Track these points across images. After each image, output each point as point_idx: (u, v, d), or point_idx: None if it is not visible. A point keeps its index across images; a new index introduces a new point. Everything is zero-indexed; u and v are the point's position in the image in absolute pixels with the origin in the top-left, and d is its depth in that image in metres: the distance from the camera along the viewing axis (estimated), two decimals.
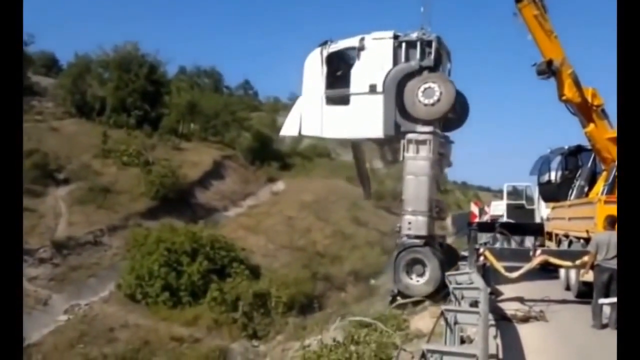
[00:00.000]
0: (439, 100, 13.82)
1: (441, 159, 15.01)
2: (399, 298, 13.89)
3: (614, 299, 9.19)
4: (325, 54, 14.58)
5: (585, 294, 11.72)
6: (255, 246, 26.67)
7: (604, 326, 9.59)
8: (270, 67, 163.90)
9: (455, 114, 15.30)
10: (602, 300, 9.59)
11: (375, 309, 14.26)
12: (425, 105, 13.87)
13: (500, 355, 7.63)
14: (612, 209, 10.69)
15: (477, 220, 23.31)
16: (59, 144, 31.98)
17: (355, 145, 17.06)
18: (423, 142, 13.97)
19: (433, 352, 4.97)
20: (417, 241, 13.74)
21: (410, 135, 14.05)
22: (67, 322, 19.54)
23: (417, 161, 13.96)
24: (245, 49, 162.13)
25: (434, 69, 14.19)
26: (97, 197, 28.08)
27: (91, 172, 30.62)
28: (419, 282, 13.49)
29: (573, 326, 9.91)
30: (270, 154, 44.55)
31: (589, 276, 11.16)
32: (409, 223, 13.87)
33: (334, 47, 14.70)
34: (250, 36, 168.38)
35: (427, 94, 13.88)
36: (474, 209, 27.03)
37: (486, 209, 28.96)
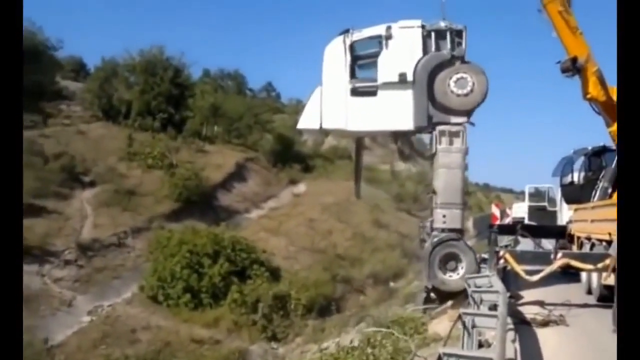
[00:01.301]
0: (472, 90, 13.52)
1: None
2: (433, 294, 13.72)
3: None
4: (348, 42, 14.04)
5: (607, 297, 11.44)
6: (276, 248, 26.77)
7: None
8: (292, 69, 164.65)
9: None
10: None
11: (393, 312, 14.12)
12: (458, 95, 13.55)
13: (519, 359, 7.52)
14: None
15: (498, 222, 22.96)
16: (86, 147, 32.70)
17: (359, 141, 16.80)
18: (456, 133, 13.60)
19: (450, 355, 4.91)
20: (452, 235, 13.47)
21: (442, 127, 13.64)
22: (90, 323, 19.93)
23: (451, 153, 13.54)
24: (268, 51, 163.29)
25: (464, 59, 13.84)
26: (122, 200, 28.59)
27: (117, 174, 31.20)
28: (453, 277, 13.21)
29: (593, 331, 9.69)
30: (292, 156, 44.71)
31: (611, 280, 10.92)
32: (443, 216, 13.46)
33: (358, 35, 14.15)
34: (272, 38, 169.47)
35: (460, 85, 13.57)
36: (495, 210, 26.63)
37: (507, 211, 28.53)
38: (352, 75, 14.15)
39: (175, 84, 40.53)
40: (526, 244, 17.06)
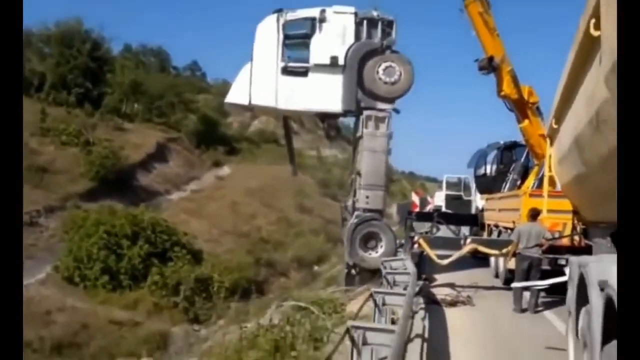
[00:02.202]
0: (399, 79, 14.22)
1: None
2: (353, 271, 14.35)
3: (529, 283, 9.97)
4: (282, 21, 14.35)
5: (511, 280, 12.54)
6: (198, 231, 26.52)
7: (524, 310, 10.35)
8: (219, 48, 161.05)
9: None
10: (514, 284, 10.37)
11: (314, 294, 14.63)
12: (386, 83, 14.20)
13: (426, 335, 8.16)
14: (536, 202, 11.51)
15: (417, 209, 24.16)
16: None
17: (287, 120, 17.27)
18: (382, 119, 14.28)
19: (357, 328, 5.32)
20: (374, 215, 14.15)
21: (369, 112, 14.26)
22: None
23: (376, 137, 14.22)
24: (194, 28, 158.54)
25: (393, 49, 14.51)
26: (33, 177, 27.06)
27: (28, 150, 29.40)
28: (373, 255, 13.94)
29: (496, 310, 10.64)
30: (216, 138, 44.14)
31: (513, 264, 12.00)
32: (367, 197, 14.15)
33: (292, 15, 14.48)
34: (199, 16, 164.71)
35: (388, 73, 14.21)
36: (415, 198, 27.96)
37: (429, 199, 29.95)
38: (284, 55, 14.45)
39: (93, 58, 38.61)
40: (447, 232, 18.18)
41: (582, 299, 4.63)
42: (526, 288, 10.38)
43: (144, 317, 19.30)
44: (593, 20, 4.22)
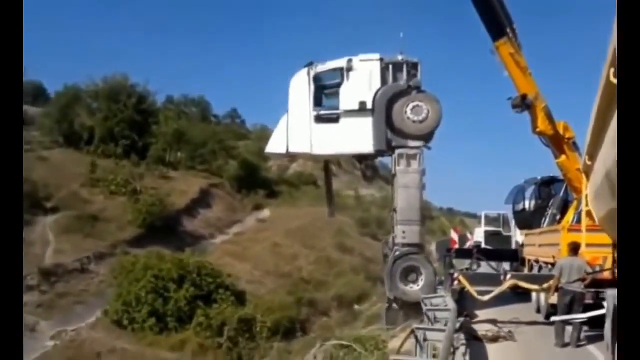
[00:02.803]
0: (427, 117, 14.81)
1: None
2: (395, 305, 14.53)
3: (568, 317, 9.93)
4: (312, 74, 15.27)
5: (553, 315, 12.43)
6: (241, 272, 27.06)
7: (566, 345, 10.27)
8: (256, 95, 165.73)
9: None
10: (554, 318, 10.32)
11: (356, 332, 14.78)
12: (414, 122, 14.83)
13: None
14: (575, 237, 11.52)
15: (456, 246, 24.02)
16: (48, 172, 32.37)
17: (327, 164, 18.02)
18: (413, 156, 14.84)
19: None
20: (412, 249, 14.41)
21: (400, 150, 14.88)
22: (54, 347, 19.75)
23: (408, 174, 14.77)
24: (232, 77, 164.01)
25: (419, 88, 15.14)
26: (84, 226, 28.45)
27: (79, 200, 31.02)
28: (413, 288, 14.10)
29: (537, 345, 10.59)
30: (256, 182, 45.06)
31: (554, 299, 11.93)
32: (403, 232, 14.56)
33: (321, 67, 15.42)
34: (236, 65, 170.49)
35: (416, 112, 14.84)
36: (454, 235, 27.74)
37: (468, 235, 29.65)
38: (316, 103, 15.32)
39: (138, 111, 40.59)
40: (487, 268, 18.09)
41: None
42: (568, 322, 10.33)
43: (189, 358, 19.75)
44: (612, 69, 4.51)
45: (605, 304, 6.81)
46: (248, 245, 31.67)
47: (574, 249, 10.88)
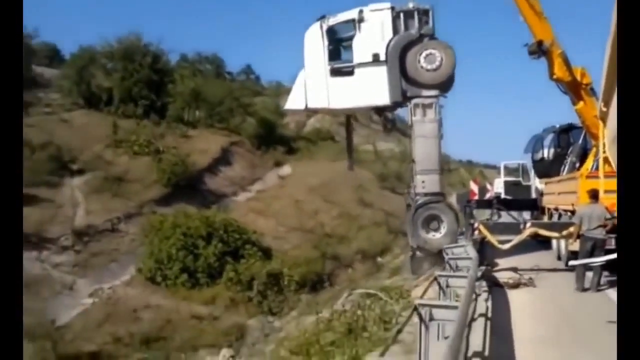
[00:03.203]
0: (440, 65, 14.68)
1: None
2: (419, 253, 14.94)
3: (586, 260, 10.29)
4: (325, 27, 15.13)
5: (581, 264, 12.80)
6: (266, 229, 27.78)
7: (586, 289, 10.69)
8: (271, 51, 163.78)
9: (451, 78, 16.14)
10: (572, 262, 10.70)
11: (381, 283, 15.35)
12: (428, 70, 14.71)
13: (489, 315, 8.77)
14: (594, 183, 11.75)
15: (475, 197, 24.29)
16: (71, 135, 33.03)
17: (349, 118, 18.15)
18: (429, 105, 14.81)
19: (424, 305, 6.03)
20: (433, 198, 14.72)
21: (416, 100, 14.83)
22: (92, 304, 20.82)
23: (425, 124, 14.78)
24: (246, 34, 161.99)
25: (432, 36, 14.97)
26: (111, 186, 29.23)
27: (104, 162, 31.72)
28: (436, 236, 14.51)
29: (558, 290, 11.03)
30: (275, 139, 45.37)
31: (576, 246, 12.28)
32: (423, 182, 14.73)
33: (333, 20, 15.24)
34: (250, 20, 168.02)
35: (429, 60, 14.71)
36: (473, 187, 27.98)
37: (488, 186, 29.86)
38: (331, 57, 15.24)
39: (154, 70, 40.79)
40: (508, 218, 18.37)
41: None
42: (589, 267, 10.69)
43: (221, 311, 20.68)
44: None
45: None
46: (271, 202, 32.32)
47: (594, 196, 11.10)
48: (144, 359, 17.24)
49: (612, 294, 10.26)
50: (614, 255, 7.78)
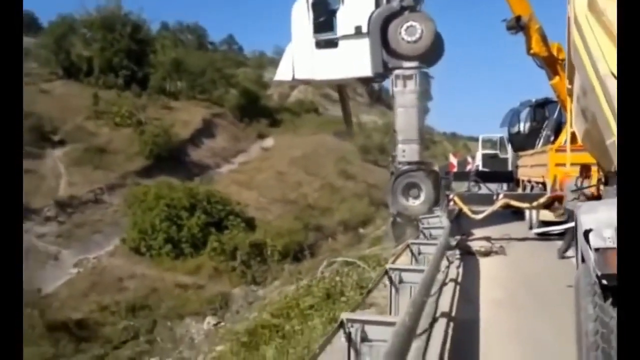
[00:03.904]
0: (420, 37, 15.02)
1: (425, 93, 16.37)
2: (399, 219, 15.51)
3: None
4: (310, 1, 15.51)
5: (544, 232, 13.44)
6: (249, 200, 28.12)
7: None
8: (254, 21, 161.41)
9: (432, 50, 16.56)
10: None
11: (361, 253, 15.88)
12: (409, 42, 15.05)
13: (459, 280, 9.32)
14: (562, 157, 12.28)
15: (454, 170, 24.82)
16: (51, 106, 32.75)
17: (341, 87, 18.52)
18: (409, 76, 15.15)
19: (394, 269, 6.48)
20: (412, 166, 15.25)
21: (397, 71, 15.22)
22: (78, 274, 21.14)
23: (405, 94, 15.19)
24: (229, 3, 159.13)
25: (414, 8, 15.34)
26: (93, 158, 29.26)
27: (85, 133, 31.62)
28: (415, 204, 15.07)
29: (526, 257, 11.63)
30: (258, 111, 45.37)
31: (545, 215, 12.87)
32: (403, 151, 15.23)
33: None
34: None
35: (410, 32, 15.05)
36: (452, 159, 28.51)
37: (469, 159, 30.41)
38: (316, 30, 15.57)
39: (135, 40, 40.34)
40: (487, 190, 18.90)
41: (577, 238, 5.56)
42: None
43: (206, 281, 21.17)
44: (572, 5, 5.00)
45: None
46: (254, 174, 32.61)
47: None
48: (131, 326, 17.68)
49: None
50: (572, 224, 8.29)
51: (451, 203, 13.63)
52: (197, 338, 17.43)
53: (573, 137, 13.88)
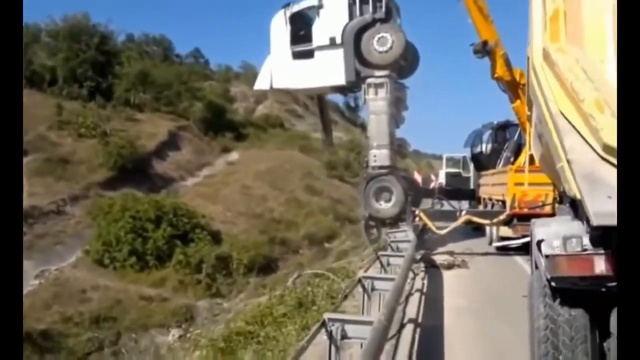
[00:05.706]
0: (391, 47, 15.88)
1: (398, 102, 17.09)
2: (371, 222, 16.21)
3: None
4: (288, 14, 16.39)
5: (503, 247, 14.18)
6: (214, 214, 28.10)
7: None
8: (221, 35, 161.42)
9: (407, 62, 17.40)
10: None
11: (328, 266, 16.27)
12: (380, 52, 15.90)
13: (425, 290, 9.84)
14: (521, 177, 13.08)
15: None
16: None
17: (321, 97, 19.39)
18: (380, 85, 16.00)
19: (366, 278, 6.94)
20: (383, 171, 15.87)
21: (369, 80, 16.06)
22: (39, 285, 20.70)
23: (377, 102, 16.03)
24: (195, 16, 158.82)
25: (385, 20, 16.17)
26: (55, 168, 28.71)
27: (48, 143, 31.01)
28: (386, 206, 15.64)
29: (484, 270, 12.31)
30: (223, 124, 45.34)
31: (504, 231, 13.59)
32: (374, 156, 15.98)
33: (296, 7, 16.57)
34: (199, 2, 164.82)
35: (381, 43, 15.90)
36: (417, 177, 29.38)
37: (432, 177, 31.39)
38: (293, 41, 16.44)
39: (101, 52, 40.02)
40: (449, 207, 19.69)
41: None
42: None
43: (170, 294, 21.06)
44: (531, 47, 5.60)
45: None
46: (219, 188, 32.61)
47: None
48: (95, 337, 17.47)
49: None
50: (527, 239, 8.94)
51: (417, 219, 14.22)
52: (162, 350, 17.38)
53: (531, 158, 14.87)
